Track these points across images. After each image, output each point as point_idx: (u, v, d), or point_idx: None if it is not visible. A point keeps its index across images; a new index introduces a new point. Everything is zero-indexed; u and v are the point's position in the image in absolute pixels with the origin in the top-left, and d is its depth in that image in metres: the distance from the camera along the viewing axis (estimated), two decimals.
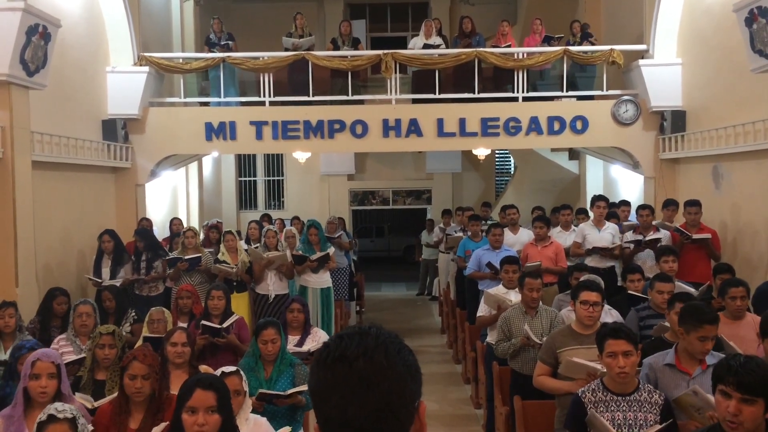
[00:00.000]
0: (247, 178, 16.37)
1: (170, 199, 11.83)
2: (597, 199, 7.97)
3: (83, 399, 3.83)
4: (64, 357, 4.31)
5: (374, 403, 1.16)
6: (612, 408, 3.33)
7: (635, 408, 3.32)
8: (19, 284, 6.65)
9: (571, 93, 9.92)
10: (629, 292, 5.73)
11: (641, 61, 9.46)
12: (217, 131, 9.62)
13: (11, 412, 3.45)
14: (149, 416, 3.41)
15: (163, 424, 3.21)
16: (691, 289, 5.50)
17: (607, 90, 9.87)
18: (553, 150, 13.67)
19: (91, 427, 3.06)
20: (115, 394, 3.80)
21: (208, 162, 14.30)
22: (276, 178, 16.34)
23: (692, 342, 3.58)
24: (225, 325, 5.20)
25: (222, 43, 10.29)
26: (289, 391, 4.15)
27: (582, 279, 5.33)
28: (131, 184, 9.49)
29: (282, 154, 15.72)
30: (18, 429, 3.38)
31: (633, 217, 8.35)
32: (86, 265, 7.98)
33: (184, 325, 5.35)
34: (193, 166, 12.98)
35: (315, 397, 1.22)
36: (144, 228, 8.26)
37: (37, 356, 3.49)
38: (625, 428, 3.27)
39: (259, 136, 9.67)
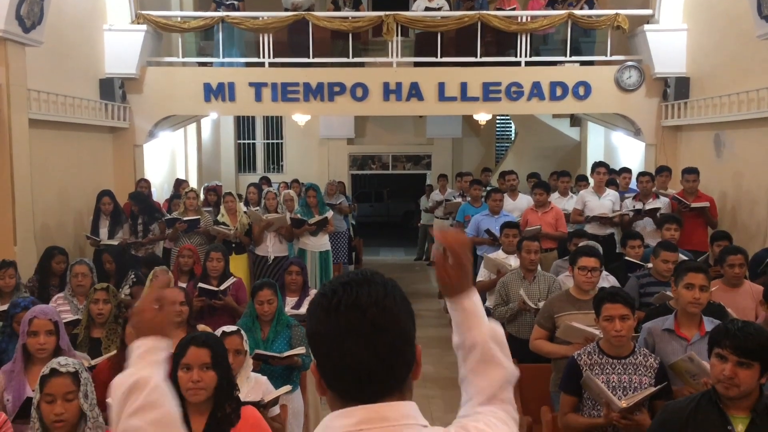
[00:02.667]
0: (246, 141, 16.28)
1: (169, 161, 11.76)
2: (597, 165, 7.94)
3: (80, 357, 3.84)
4: (62, 316, 4.31)
5: (386, 347, 1.21)
6: (607, 370, 3.36)
7: (630, 371, 3.34)
8: (17, 243, 6.64)
9: (574, 58, 9.80)
10: (627, 258, 5.73)
11: (646, 27, 9.33)
12: (216, 92, 9.53)
13: (11, 367, 3.47)
14: None
15: None
16: (688, 257, 5.50)
17: (610, 55, 9.75)
18: (554, 116, 13.59)
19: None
20: (112, 353, 3.83)
21: (206, 124, 14.20)
22: (275, 141, 16.25)
23: (681, 293, 3.60)
24: (222, 287, 5.21)
25: (228, 2, 10.11)
26: (285, 354, 4.17)
27: (581, 245, 5.33)
28: (129, 144, 9.42)
29: (281, 117, 15.61)
30: (19, 384, 3.40)
31: (634, 185, 8.33)
32: (84, 225, 7.97)
33: (184, 284, 5.37)
34: (192, 128, 12.89)
35: (324, 343, 1.23)
36: (138, 192, 8.23)
37: (34, 314, 3.50)
38: (619, 390, 3.30)
39: (258, 97, 9.58)
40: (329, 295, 1.24)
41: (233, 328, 3.58)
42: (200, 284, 5.24)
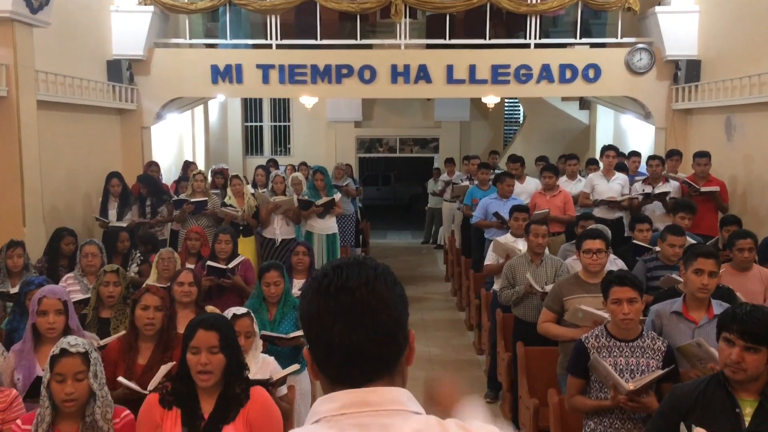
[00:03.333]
0: (254, 124, 16.26)
1: (176, 143, 11.77)
2: (607, 148, 7.88)
3: (89, 337, 3.87)
4: (71, 295, 4.34)
5: (377, 330, 1.21)
6: (615, 353, 3.35)
7: (638, 354, 3.34)
8: (26, 224, 6.67)
9: (584, 40, 9.71)
10: (634, 242, 5.71)
11: (657, 8, 9.22)
12: (223, 74, 9.50)
13: (21, 347, 3.50)
14: (158, 352, 3.45)
15: (170, 363, 3.26)
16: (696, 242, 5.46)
17: (621, 38, 9.65)
18: (563, 99, 13.51)
19: None
20: (121, 332, 3.85)
21: (214, 106, 14.18)
22: (282, 123, 16.21)
23: (689, 277, 3.58)
24: (230, 266, 5.22)
25: None
26: (292, 335, 4.19)
27: (586, 228, 5.32)
28: (137, 126, 9.42)
29: (288, 100, 15.56)
30: (29, 363, 3.43)
31: (643, 168, 8.28)
32: (92, 207, 8.00)
33: (192, 266, 5.39)
34: (199, 111, 12.88)
35: (313, 325, 1.22)
36: (147, 174, 8.24)
37: (44, 293, 3.52)
38: (626, 373, 3.30)
39: (265, 79, 9.55)
40: (320, 278, 1.25)
41: (243, 310, 3.60)
42: (209, 262, 5.25)
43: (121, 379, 3.28)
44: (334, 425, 1.18)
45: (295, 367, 3.70)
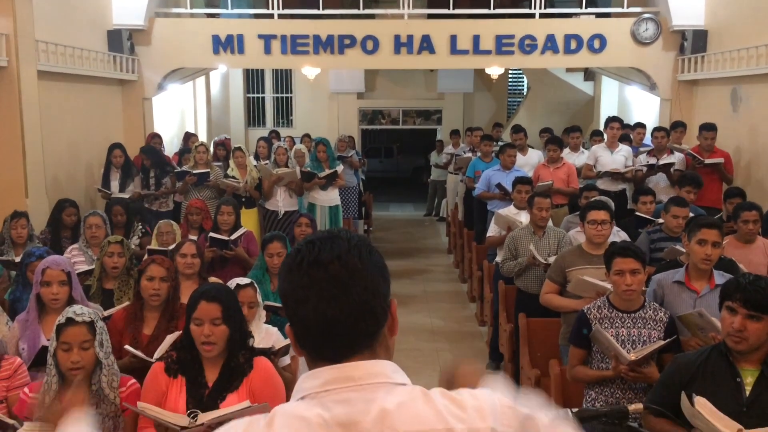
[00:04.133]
0: (256, 95, 16.15)
1: (178, 114, 11.71)
2: (611, 120, 7.83)
3: (93, 308, 3.88)
4: (76, 266, 4.35)
5: (353, 303, 1.19)
6: (617, 324, 3.36)
7: (639, 325, 3.35)
8: (28, 195, 6.67)
9: (589, 10, 9.58)
10: (637, 214, 5.69)
11: None
12: (225, 44, 9.41)
13: (26, 316, 3.52)
14: (163, 322, 3.47)
15: (176, 333, 3.27)
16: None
17: (627, 7, 9.52)
18: (568, 70, 13.37)
19: None
20: (126, 303, 3.87)
21: (215, 78, 14.07)
22: (284, 95, 16.11)
23: (693, 248, 3.59)
24: (232, 237, 5.23)
25: None
26: None
27: (592, 200, 5.30)
28: (138, 97, 9.36)
29: (290, 71, 15.44)
30: (34, 333, 3.45)
31: (647, 140, 8.23)
32: (95, 178, 7.98)
33: (194, 237, 5.39)
34: (201, 82, 12.78)
35: (290, 301, 1.22)
36: (150, 146, 8.21)
37: (47, 264, 3.52)
38: (628, 344, 3.31)
39: (267, 50, 9.46)
40: (294, 254, 1.24)
41: (247, 280, 3.60)
42: (211, 234, 5.25)
43: (127, 347, 3.31)
44: (318, 402, 1.18)
45: None
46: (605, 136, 8.03)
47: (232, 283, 3.50)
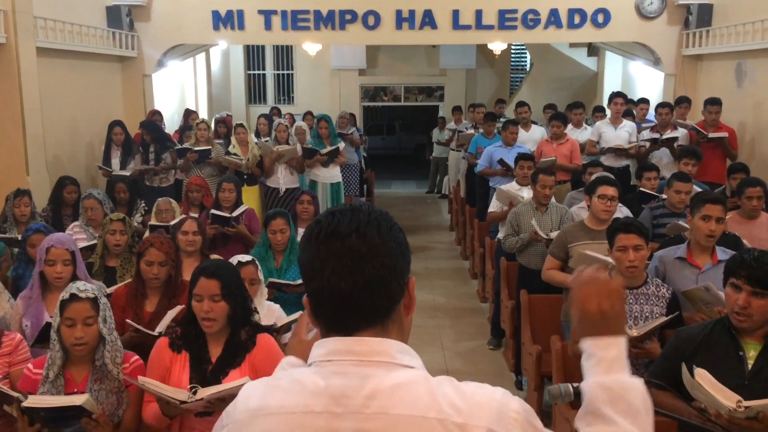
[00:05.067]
0: (256, 72, 16.05)
1: (178, 92, 11.64)
2: (615, 96, 7.77)
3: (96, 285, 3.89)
4: (78, 243, 4.35)
5: (367, 277, 1.18)
6: None
7: (642, 301, 3.35)
8: (29, 173, 6.66)
9: None
10: (641, 189, 5.67)
11: None
12: (225, 20, 9.31)
13: (29, 293, 3.53)
14: (164, 300, 3.48)
15: (178, 307, 3.28)
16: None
17: None
18: (571, 45, 13.25)
19: None
20: (128, 281, 3.88)
21: (216, 54, 13.97)
22: (285, 72, 16.01)
23: (696, 224, 3.58)
24: (234, 214, 5.22)
25: None
26: (298, 281, 4.21)
27: (597, 175, 5.28)
28: (138, 74, 9.29)
29: (291, 47, 15.33)
30: (37, 310, 3.46)
31: (651, 116, 8.17)
32: (95, 156, 7.96)
33: (195, 215, 5.38)
34: (201, 59, 12.69)
35: (307, 271, 1.22)
36: (150, 120, 8.17)
37: (51, 242, 3.52)
38: (630, 320, 3.31)
39: (267, 26, 9.36)
40: (314, 224, 1.24)
41: (248, 258, 3.60)
42: (213, 211, 5.25)
43: (129, 321, 3.32)
44: (319, 371, 1.20)
45: (300, 314, 3.72)
46: (608, 112, 7.98)
47: (234, 260, 3.50)
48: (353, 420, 1.15)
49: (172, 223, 4.88)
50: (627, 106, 8.04)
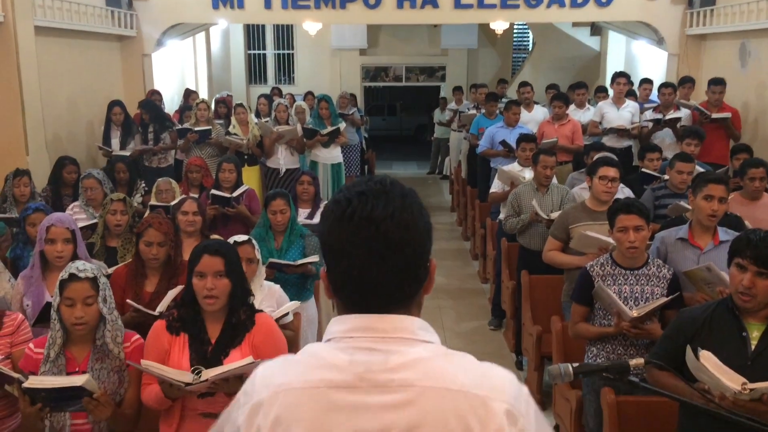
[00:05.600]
0: (257, 52, 15.94)
1: (178, 72, 11.57)
2: (618, 75, 7.70)
3: (97, 265, 3.89)
4: (78, 223, 4.34)
5: (398, 264, 1.18)
6: (619, 281, 3.35)
7: (642, 281, 3.34)
8: (29, 153, 6.64)
9: None
10: (643, 170, 5.65)
11: None
12: None
13: (30, 273, 3.52)
14: (164, 280, 3.48)
15: (178, 288, 3.28)
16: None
17: None
18: (574, 25, 13.14)
19: None
20: (129, 261, 3.87)
21: (216, 34, 13.86)
22: (286, 51, 15.90)
23: (699, 204, 3.56)
24: (234, 195, 5.20)
25: None
26: (299, 262, 4.21)
27: (599, 156, 5.26)
28: (137, 53, 9.22)
29: (292, 27, 15.20)
30: (38, 290, 3.46)
31: (654, 96, 8.11)
32: (95, 136, 7.92)
33: (196, 195, 5.37)
34: (201, 39, 12.59)
35: (333, 251, 1.20)
36: (149, 100, 8.12)
37: (52, 221, 3.51)
38: (631, 300, 3.30)
39: (267, 4, 9.27)
40: (344, 203, 1.19)
41: (244, 237, 3.58)
42: (213, 191, 5.23)
43: (129, 301, 3.32)
44: (341, 346, 1.20)
45: (295, 304, 3.68)
46: (610, 91, 7.92)
47: (230, 240, 3.49)
48: (376, 394, 1.16)
49: (173, 203, 4.86)
50: (629, 87, 7.98)
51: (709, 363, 2.27)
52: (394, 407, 1.15)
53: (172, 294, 3.31)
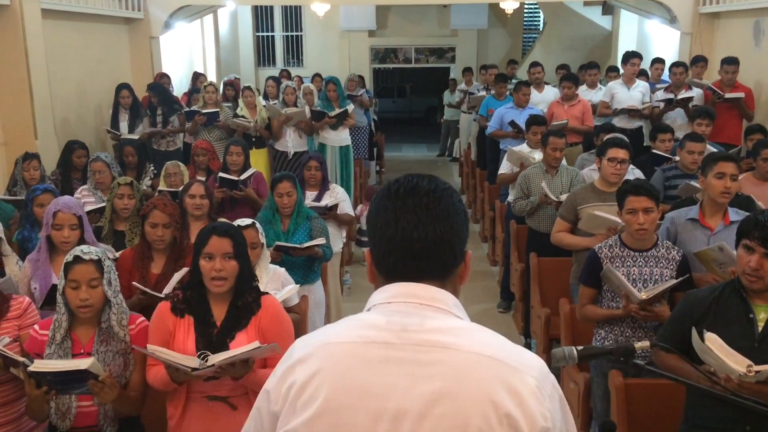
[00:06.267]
0: (265, 34, 15.86)
1: (186, 55, 11.54)
2: (632, 56, 7.55)
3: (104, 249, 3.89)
4: (86, 207, 4.35)
5: (437, 233, 1.27)
6: (628, 263, 3.32)
7: (651, 263, 3.30)
8: (38, 136, 6.65)
9: None
10: (654, 151, 5.58)
11: None
12: None
13: (37, 256, 3.54)
14: (170, 262, 3.49)
15: (184, 270, 3.28)
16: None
17: None
18: (585, 4, 12.97)
19: None
20: (137, 244, 3.88)
21: (224, 16, 13.79)
22: (294, 33, 15.81)
23: (710, 183, 3.51)
24: (242, 177, 5.19)
25: None
26: (306, 245, 4.20)
27: (609, 136, 5.20)
28: (145, 36, 9.19)
29: (300, 8, 15.10)
30: (45, 273, 3.47)
31: (665, 76, 8.00)
32: (104, 119, 7.93)
33: (203, 178, 5.36)
34: (209, 21, 12.54)
35: (379, 222, 1.29)
36: (158, 83, 8.10)
37: (58, 207, 3.51)
38: (640, 282, 3.27)
39: None
40: (392, 183, 1.33)
41: (248, 221, 3.57)
42: (221, 174, 5.22)
43: (136, 284, 3.33)
44: (382, 311, 1.27)
45: (293, 288, 3.65)
46: (622, 71, 7.81)
47: (234, 223, 3.48)
48: (411, 351, 1.22)
49: (181, 188, 4.86)
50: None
51: (714, 345, 2.25)
52: (428, 365, 1.20)
53: (178, 276, 3.31)
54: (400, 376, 1.20)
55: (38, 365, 2.47)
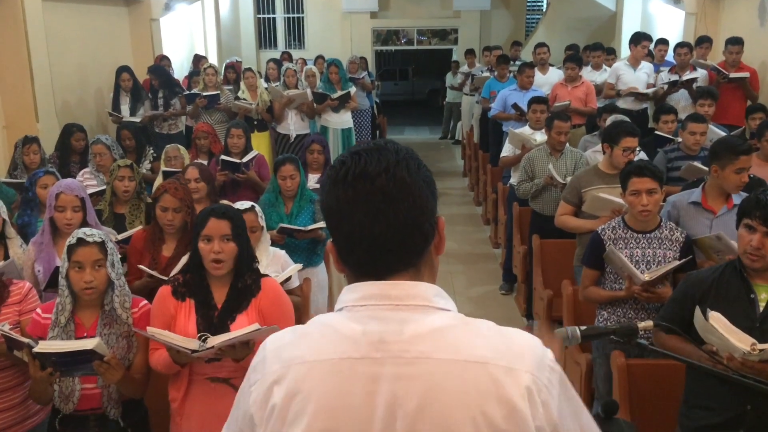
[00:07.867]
0: (266, 16, 15.75)
1: (187, 37, 11.47)
2: (643, 37, 7.46)
3: (106, 232, 3.89)
4: (88, 189, 4.34)
5: (399, 219, 1.14)
6: (631, 245, 3.31)
7: (655, 245, 3.29)
8: (39, 120, 6.64)
9: None
10: (657, 133, 5.55)
11: None
12: None
13: (40, 239, 3.53)
14: (181, 246, 3.51)
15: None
16: (722, 132, 5.27)
17: None
18: None
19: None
20: (138, 227, 3.88)
21: None
22: (296, 15, 15.69)
23: (728, 177, 3.46)
24: (244, 160, 5.18)
25: None
26: (309, 227, 4.19)
27: (611, 120, 5.17)
28: (145, 18, 9.14)
29: None
30: (48, 255, 3.48)
31: (670, 57, 7.94)
32: (105, 102, 7.91)
33: (204, 161, 5.34)
34: (210, 3, 12.45)
35: (334, 216, 1.17)
36: (158, 65, 8.06)
37: (61, 189, 3.50)
38: (643, 264, 3.26)
39: None
40: (338, 165, 1.17)
41: (247, 204, 3.56)
42: (222, 157, 5.20)
43: (142, 266, 3.34)
44: (353, 316, 1.17)
45: (294, 268, 3.65)
46: (624, 52, 7.75)
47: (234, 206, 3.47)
48: (393, 365, 1.12)
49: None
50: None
51: (718, 324, 2.24)
52: (409, 379, 1.11)
53: (185, 259, 3.31)
54: (381, 395, 1.12)
55: (44, 346, 2.48)
